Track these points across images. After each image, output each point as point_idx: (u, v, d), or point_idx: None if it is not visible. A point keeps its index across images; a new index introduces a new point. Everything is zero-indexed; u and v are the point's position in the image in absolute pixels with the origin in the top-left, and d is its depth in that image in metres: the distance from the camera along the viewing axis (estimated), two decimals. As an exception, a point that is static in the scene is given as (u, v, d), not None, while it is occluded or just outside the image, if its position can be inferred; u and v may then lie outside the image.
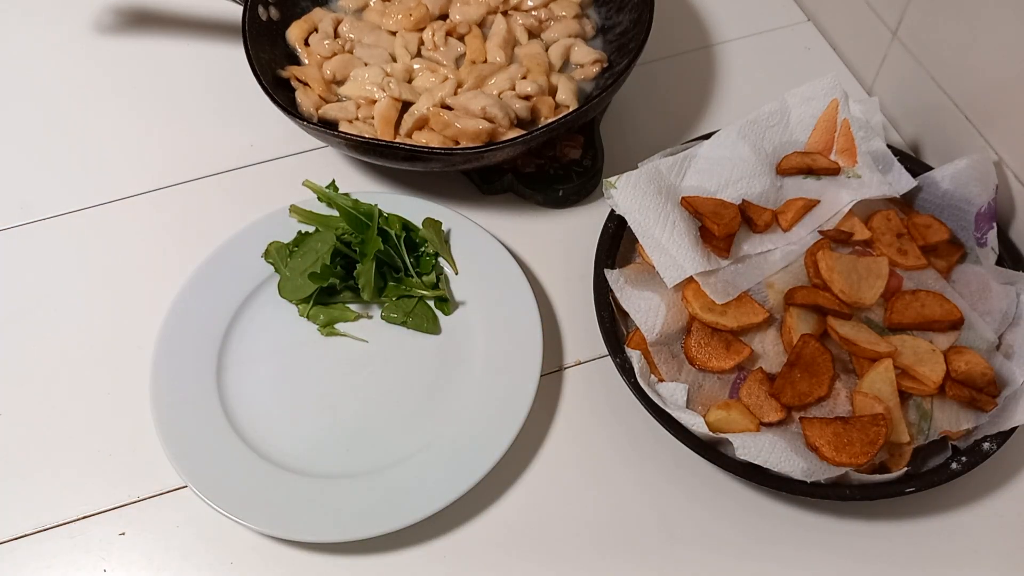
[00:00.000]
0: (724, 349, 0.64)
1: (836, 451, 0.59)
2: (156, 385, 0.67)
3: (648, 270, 0.68)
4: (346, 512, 0.62)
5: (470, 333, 0.71)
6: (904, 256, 0.68)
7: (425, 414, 0.67)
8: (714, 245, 0.68)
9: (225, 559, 0.63)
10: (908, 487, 0.59)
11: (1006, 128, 0.71)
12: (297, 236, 0.75)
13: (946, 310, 0.65)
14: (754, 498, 0.64)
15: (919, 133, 0.82)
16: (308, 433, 0.67)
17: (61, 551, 0.63)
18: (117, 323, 0.74)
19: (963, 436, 0.62)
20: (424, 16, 0.86)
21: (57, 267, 0.78)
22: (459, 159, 0.76)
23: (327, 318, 0.72)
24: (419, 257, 0.74)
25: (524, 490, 0.65)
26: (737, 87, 0.89)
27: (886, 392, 0.61)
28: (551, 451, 0.67)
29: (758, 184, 0.72)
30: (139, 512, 0.65)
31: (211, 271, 0.73)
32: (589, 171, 0.79)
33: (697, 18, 0.95)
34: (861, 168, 0.72)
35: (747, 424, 0.62)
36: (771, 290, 0.67)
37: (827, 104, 0.75)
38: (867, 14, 0.84)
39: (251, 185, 0.83)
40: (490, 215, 0.79)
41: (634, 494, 0.65)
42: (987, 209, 0.69)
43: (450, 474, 0.63)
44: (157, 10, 0.97)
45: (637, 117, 0.86)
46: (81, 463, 0.67)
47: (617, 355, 0.65)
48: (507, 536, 0.63)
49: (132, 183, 0.83)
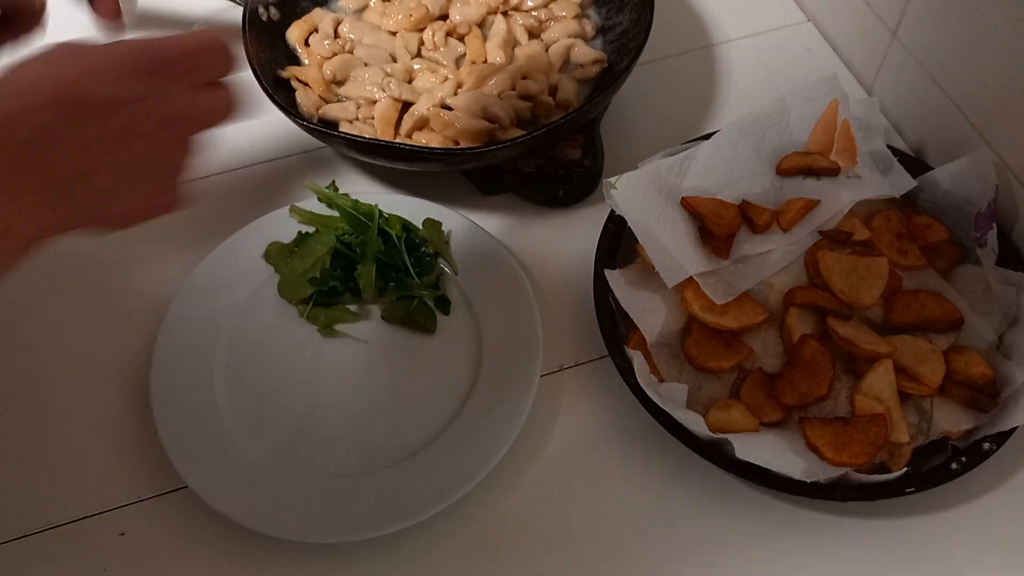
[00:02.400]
0: (724, 349, 0.64)
1: (836, 451, 0.59)
2: (156, 385, 0.67)
3: (648, 270, 0.68)
4: (346, 512, 0.62)
5: (470, 333, 0.71)
6: (904, 256, 0.68)
7: (425, 414, 0.67)
8: (714, 245, 0.68)
9: (225, 559, 0.63)
10: (908, 487, 0.59)
11: (1006, 128, 0.71)
12: (297, 236, 0.75)
13: (946, 310, 0.65)
14: (754, 498, 0.64)
15: (919, 133, 0.82)
16: (308, 433, 0.67)
17: (61, 551, 0.63)
18: (117, 323, 0.74)
19: (963, 436, 0.62)
20: (424, 16, 0.86)
21: (57, 267, 0.78)
22: (459, 159, 0.76)
23: (327, 318, 0.72)
24: (419, 257, 0.74)
25: (524, 490, 0.65)
26: (737, 87, 0.89)
27: (886, 392, 0.61)
28: (551, 451, 0.67)
29: (758, 184, 0.72)
30: (139, 512, 0.65)
31: (211, 271, 0.73)
32: (589, 171, 0.79)
33: (697, 18, 0.95)
34: (861, 168, 0.72)
35: (747, 424, 0.62)
36: (771, 290, 0.67)
37: (827, 104, 0.75)
38: (867, 14, 0.84)
39: (251, 185, 0.82)
40: (490, 215, 0.79)
41: (634, 494, 0.65)
42: (987, 209, 0.69)
43: (450, 474, 0.63)
44: (157, 10, 0.97)
45: (637, 117, 0.86)
46: (81, 463, 0.67)
47: (617, 355, 0.65)
48: (507, 536, 0.63)
49: (132, 183, 0.83)
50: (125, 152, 0.45)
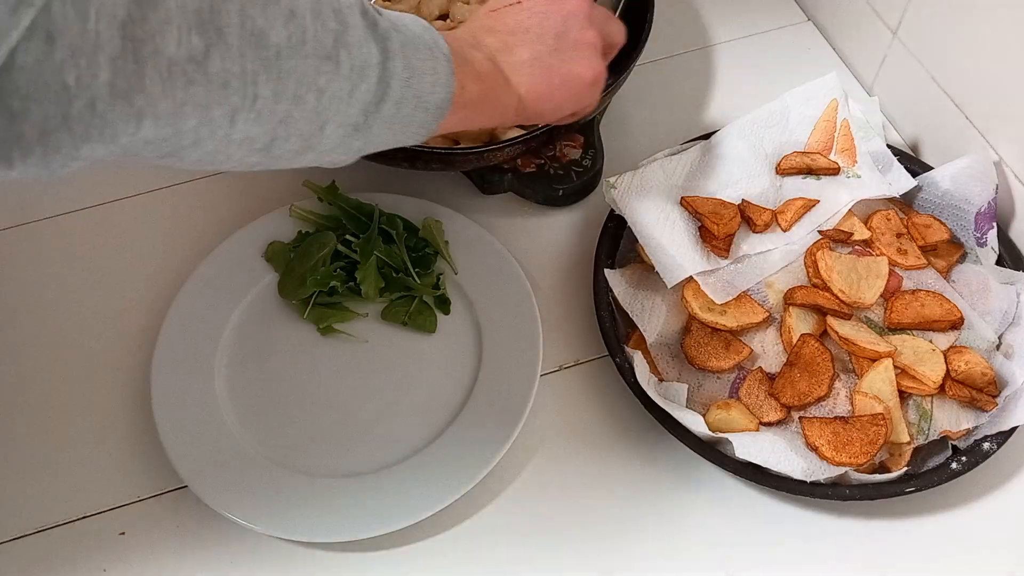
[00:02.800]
0: (724, 349, 0.64)
1: (836, 451, 0.59)
2: (156, 385, 0.67)
3: (648, 270, 0.68)
4: (346, 512, 0.62)
5: (470, 333, 0.71)
6: (904, 256, 0.68)
7: (425, 414, 0.67)
8: (714, 245, 0.68)
9: (225, 559, 0.63)
10: (908, 487, 0.59)
11: (1006, 128, 0.71)
12: (297, 236, 0.75)
13: (946, 310, 0.65)
14: (754, 498, 0.64)
15: (919, 133, 0.82)
16: (308, 433, 0.67)
17: (61, 551, 0.63)
18: (117, 323, 0.74)
19: (963, 436, 0.62)
20: (425, 16, 0.86)
21: (57, 267, 0.78)
22: (459, 159, 0.76)
23: (327, 318, 0.72)
24: (419, 257, 0.74)
25: (524, 490, 0.65)
26: (737, 87, 0.89)
27: (886, 392, 0.61)
28: (551, 451, 0.67)
29: (758, 184, 0.72)
30: (139, 512, 0.65)
31: (211, 271, 0.73)
32: (589, 171, 0.79)
33: (697, 18, 0.95)
34: (861, 168, 0.72)
35: (747, 424, 0.62)
36: (771, 290, 0.67)
37: (827, 104, 0.75)
38: (867, 14, 0.84)
39: (251, 185, 0.82)
40: (490, 215, 0.79)
41: (634, 494, 0.65)
42: (987, 209, 0.69)
43: (450, 474, 0.63)
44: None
45: (637, 117, 0.86)
46: (81, 463, 0.67)
47: (617, 355, 0.65)
48: (506, 536, 0.63)
49: (132, 183, 0.83)
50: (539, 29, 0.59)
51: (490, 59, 0.56)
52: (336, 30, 0.43)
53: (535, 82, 0.58)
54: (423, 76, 0.48)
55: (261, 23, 0.39)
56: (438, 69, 0.49)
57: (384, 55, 0.46)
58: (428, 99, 0.49)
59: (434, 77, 0.49)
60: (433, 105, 0.49)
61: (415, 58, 0.48)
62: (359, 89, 0.45)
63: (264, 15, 0.40)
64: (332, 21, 0.43)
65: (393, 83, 0.46)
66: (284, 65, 0.41)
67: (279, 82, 0.41)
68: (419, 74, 0.48)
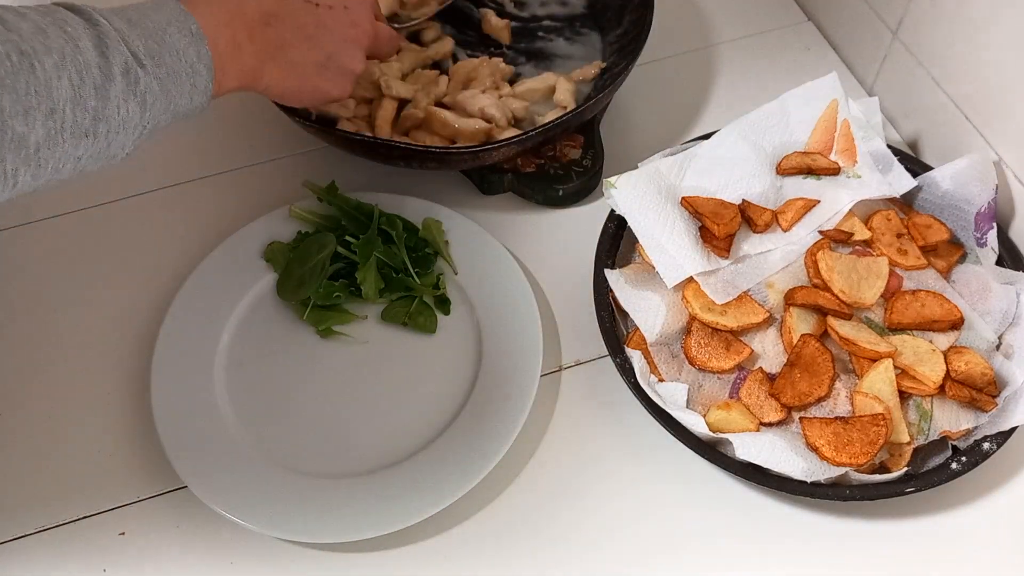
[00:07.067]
0: (724, 349, 0.64)
1: (836, 451, 0.59)
2: (156, 385, 0.67)
3: (648, 270, 0.68)
4: (346, 512, 0.62)
5: (470, 333, 0.71)
6: (904, 256, 0.68)
7: (425, 415, 0.67)
8: (714, 245, 0.68)
9: (225, 559, 0.63)
10: (908, 487, 0.59)
11: (1006, 128, 0.71)
12: (297, 236, 0.75)
13: (946, 310, 0.65)
14: (754, 498, 0.64)
15: (919, 133, 0.82)
16: (308, 433, 0.67)
17: (61, 551, 0.63)
18: (117, 323, 0.74)
19: (963, 436, 0.62)
20: None
21: (57, 267, 0.78)
22: (456, 158, 0.76)
23: (327, 319, 0.71)
24: (419, 257, 0.74)
25: (524, 490, 0.65)
26: (737, 87, 0.89)
27: (886, 392, 0.61)
28: (551, 451, 0.67)
29: (758, 184, 0.72)
30: (139, 512, 0.65)
31: (211, 271, 0.73)
32: (589, 171, 0.79)
33: (697, 18, 0.95)
34: (861, 168, 0.72)
35: (747, 424, 0.62)
36: (771, 290, 0.67)
37: (827, 104, 0.75)
38: (867, 14, 0.84)
39: (251, 185, 0.82)
40: (490, 215, 0.79)
41: (634, 494, 0.65)
42: (987, 209, 0.69)
43: (450, 474, 0.63)
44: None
45: (637, 117, 0.86)
46: (81, 463, 0.67)
47: (617, 355, 0.65)
48: (506, 536, 0.63)
49: (132, 183, 0.83)
50: (318, 39, 0.64)
51: (256, 55, 0.59)
52: (95, 107, 0.47)
53: (287, 84, 0.63)
54: (181, 98, 0.54)
55: (21, 129, 0.44)
56: (196, 84, 0.54)
57: (143, 108, 0.50)
58: (186, 110, 0.55)
59: (192, 92, 0.54)
60: (193, 111, 0.56)
61: (175, 90, 0.53)
62: (118, 139, 0.50)
63: (25, 122, 0.44)
64: (92, 99, 0.47)
65: (153, 121, 0.52)
66: (42, 155, 0.46)
67: (38, 167, 0.46)
68: (177, 99, 0.53)
